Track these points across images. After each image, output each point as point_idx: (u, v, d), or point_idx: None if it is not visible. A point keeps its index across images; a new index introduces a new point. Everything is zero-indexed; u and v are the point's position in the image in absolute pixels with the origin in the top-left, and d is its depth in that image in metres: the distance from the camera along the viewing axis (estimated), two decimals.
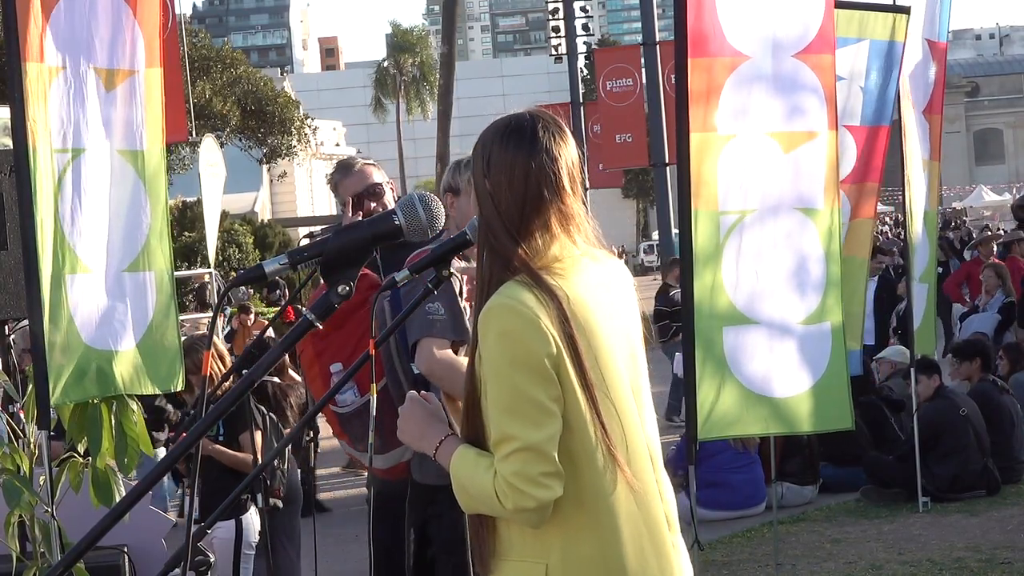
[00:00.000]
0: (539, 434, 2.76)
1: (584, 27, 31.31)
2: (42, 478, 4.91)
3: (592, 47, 44.98)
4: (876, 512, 9.68)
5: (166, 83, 5.47)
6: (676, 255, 11.25)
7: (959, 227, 34.01)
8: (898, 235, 30.51)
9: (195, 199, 26.49)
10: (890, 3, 9.64)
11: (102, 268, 5.09)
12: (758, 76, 6.53)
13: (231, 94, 34.44)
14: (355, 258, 3.03)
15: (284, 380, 9.26)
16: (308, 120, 38.29)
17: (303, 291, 6.52)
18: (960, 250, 21.70)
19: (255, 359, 3.19)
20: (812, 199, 6.65)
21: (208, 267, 20.13)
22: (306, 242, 3.66)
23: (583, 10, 30.64)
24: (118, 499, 4.75)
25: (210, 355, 5.63)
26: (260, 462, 6.89)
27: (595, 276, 2.92)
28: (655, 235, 38.84)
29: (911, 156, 9.36)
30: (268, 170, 45.68)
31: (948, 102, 9.86)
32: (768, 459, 9.16)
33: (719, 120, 6.47)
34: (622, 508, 2.85)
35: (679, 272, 7.42)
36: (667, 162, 19.47)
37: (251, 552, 7.01)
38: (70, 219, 4.97)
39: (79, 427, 4.93)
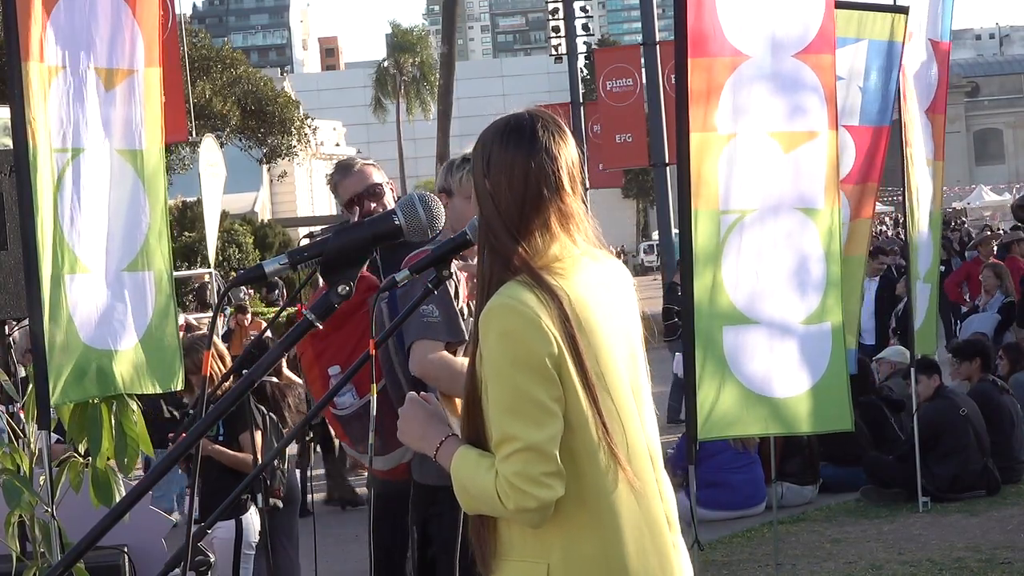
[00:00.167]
0: (541, 434, 2.76)
1: (584, 27, 31.25)
2: (42, 478, 4.91)
3: (592, 47, 44.91)
4: (876, 512, 9.67)
5: (166, 83, 5.47)
6: (677, 255, 11.23)
7: (959, 227, 34.01)
8: (898, 235, 30.50)
9: (195, 199, 26.51)
10: (890, 3, 9.64)
11: (101, 268, 5.08)
12: (758, 76, 6.53)
13: (231, 94, 34.43)
14: (355, 258, 3.03)
15: (281, 381, 9.25)
16: (308, 120, 38.29)
17: (303, 291, 6.52)
18: (961, 251, 21.69)
19: (255, 359, 3.18)
20: (812, 199, 6.65)
21: (208, 267, 20.15)
22: (306, 242, 3.65)
23: (583, 10, 30.58)
24: (118, 499, 4.75)
25: (210, 355, 5.62)
26: (260, 462, 6.88)
27: (595, 275, 2.92)
28: (655, 235, 38.78)
29: (915, 156, 9.34)
30: (268, 170, 45.68)
31: (948, 102, 9.81)
32: (768, 459, 9.17)
33: (719, 120, 6.46)
34: (623, 507, 2.85)
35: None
36: (667, 162, 19.43)
37: (251, 552, 7.01)
38: (69, 219, 4.96)
39: (79, 427, 4.92)
